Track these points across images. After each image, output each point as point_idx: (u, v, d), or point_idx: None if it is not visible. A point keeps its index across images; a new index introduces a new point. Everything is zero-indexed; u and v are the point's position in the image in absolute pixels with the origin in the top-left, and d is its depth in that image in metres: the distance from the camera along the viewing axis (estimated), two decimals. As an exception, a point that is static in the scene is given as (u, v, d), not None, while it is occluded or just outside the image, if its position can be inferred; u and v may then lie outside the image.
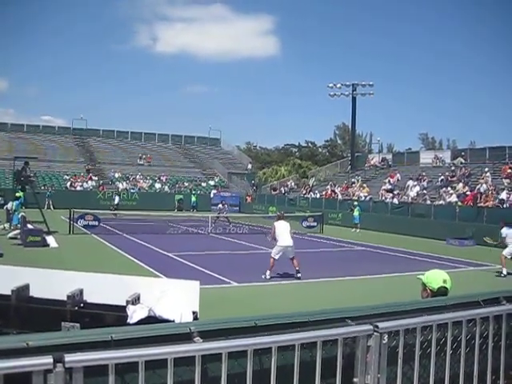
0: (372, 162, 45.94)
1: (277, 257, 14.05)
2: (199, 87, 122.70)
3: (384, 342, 2.52)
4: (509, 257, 15.72)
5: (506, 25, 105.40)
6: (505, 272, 15.67)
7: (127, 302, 4.82)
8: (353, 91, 47.38)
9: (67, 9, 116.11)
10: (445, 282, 4.18)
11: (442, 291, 4.12)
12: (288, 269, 14.47)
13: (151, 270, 14.63)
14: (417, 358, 2.73)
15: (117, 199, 39.16)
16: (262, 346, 2.24)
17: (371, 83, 47.59)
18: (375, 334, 2.49)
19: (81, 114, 67.03)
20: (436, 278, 4.24)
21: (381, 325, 2.51)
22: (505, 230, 15.93)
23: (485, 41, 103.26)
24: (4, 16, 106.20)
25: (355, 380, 2.51)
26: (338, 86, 47.97)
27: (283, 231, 14.16)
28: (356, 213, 31.13)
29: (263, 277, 13.98)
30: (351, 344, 2.53)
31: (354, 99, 47.65)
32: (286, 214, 16.27)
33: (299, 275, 13.99)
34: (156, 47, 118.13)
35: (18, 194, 23.41)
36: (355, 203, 33.11)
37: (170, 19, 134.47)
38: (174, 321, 4.42)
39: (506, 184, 29.26)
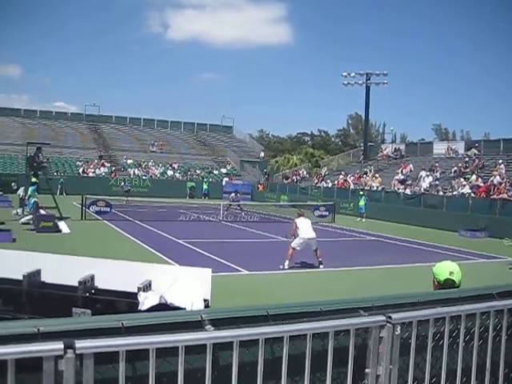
0: (385, 152, 45.63)
1: (298, 248, 13.92)
2: (211, 75, 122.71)
3: (397, 333, 2.49)
4: None
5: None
6: None
7: (138, 289, 4.83)
8: (367, 80, 47.00)
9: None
10: (451, 274, 4.07)
11: (449, 283, 4.01)
12: (306, 258, 14.49)
13: (162, 256, 14.70)
14: (429, 350, 2.70)
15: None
16: (274, 335, 2.22)
17: (385, 72, 47.21)
18: (388, 325, 2.46)
19: (94, 101, 67.45)
20: (443, 270, 4.13)
21: (394, 316, 2.48)
22: None
23: (502, 33, 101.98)
24: (18, 4, 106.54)
25: (367, 371, 2.49)
26: (352, 74, 47.63)
27: (305, 225, 14.06)
28: (362, 202, 31.11)
29: (281, 267, 13.75)
30: (363, 335, 2.50)
31: (367, 88, 47.26)
32: (298, 203, 16.20)
33: (322, 266, 14.03)
34: (167, 34, 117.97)
35: (33, 180, 23.41)
36: (361, 193, 33.07)
37: (181, 6, 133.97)
38: (185, 308, 4.42)
39: (520, 176, 28.99)
